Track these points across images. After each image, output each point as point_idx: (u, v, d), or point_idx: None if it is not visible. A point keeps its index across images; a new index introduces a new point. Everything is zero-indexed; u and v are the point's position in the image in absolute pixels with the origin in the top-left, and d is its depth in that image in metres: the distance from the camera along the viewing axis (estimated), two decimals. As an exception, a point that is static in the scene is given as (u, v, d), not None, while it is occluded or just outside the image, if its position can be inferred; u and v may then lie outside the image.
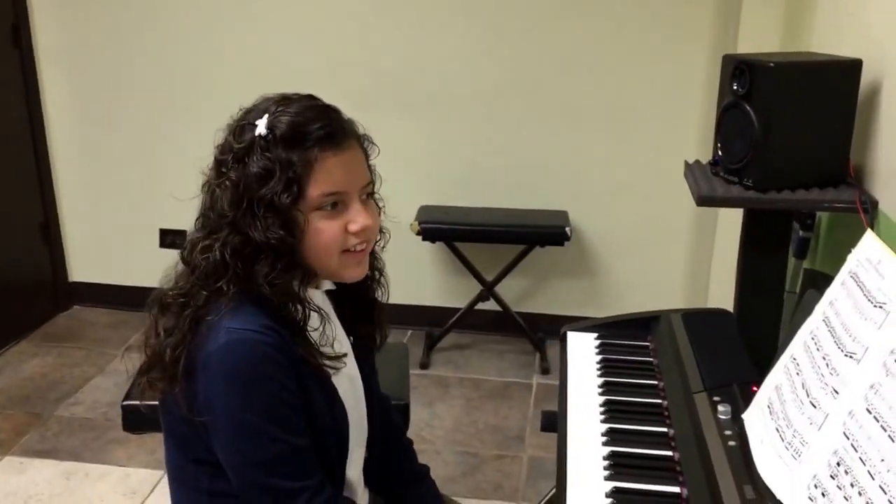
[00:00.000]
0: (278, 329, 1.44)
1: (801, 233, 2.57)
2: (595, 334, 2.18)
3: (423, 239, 3.96)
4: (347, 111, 1.57)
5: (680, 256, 4.22)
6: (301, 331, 1.49)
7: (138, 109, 4.34)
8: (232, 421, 1.43)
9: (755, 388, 1.72)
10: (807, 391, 1.41)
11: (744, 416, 1.62)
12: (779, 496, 1.36)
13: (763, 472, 1.43)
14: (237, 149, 1.47)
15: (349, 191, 1.49)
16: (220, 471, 1.50)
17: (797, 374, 1.48)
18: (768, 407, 1.53)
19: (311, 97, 1.53)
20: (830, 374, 1.35)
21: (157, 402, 1.59)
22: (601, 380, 1.95)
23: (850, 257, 1.51)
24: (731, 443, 1.56)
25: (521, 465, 3.31)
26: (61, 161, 4.49)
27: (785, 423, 1.43)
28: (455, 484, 3.07)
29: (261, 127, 1.46)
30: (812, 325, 1.53)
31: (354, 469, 1.68)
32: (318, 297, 1.59)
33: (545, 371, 4.05)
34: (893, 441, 1.11)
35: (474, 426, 3.58)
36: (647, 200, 4.16)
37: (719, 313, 2.29)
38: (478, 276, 4.16)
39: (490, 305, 4.21)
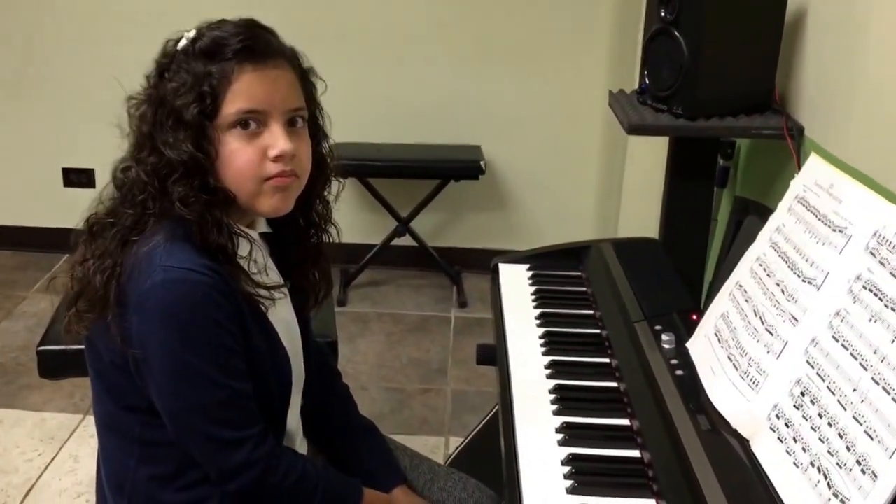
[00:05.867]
0: (218, 269, 1.37)
1: (721, 162, 2.59)
2: (526, 265, 2.14)
3: (336, 175, 3.87)
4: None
5: (591, 186, 4.25)
6: (231, 258, 1.41)
7: (33, 41, 4.11)
8: (170, 363, 1.35)
9: (695, 317, 1.72)
10: (761, 318, 1.40)
11: (688, 344, 1.61)
12: (735, 426, 1.36)
13: (717, 401, 1.42)
14: (159, 63, 1.42)
15: (269, 110, 1.39)
16: (152, 419, 1.42)
17: (746, 301, 1.48)
18: (716, 335, 1.52)
19: (251, 20, 1.45)
20: (787, 300, 1.34)
21: (81, 346, 1.50)
22: (538, 311, 1.92)
23: (794, 182, 1.51)
24: (679, 372, 1.55)
25: (445, 398, 3.31)
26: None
27: (738, 351, 1.42)
28: (384, 420, 3.04)
29: (183, 41, 1.41)
30: (758, 252, 1.52)
31: (293, 417, 1.61)
32: (252, 237, 1.50)
33: (462, 304, 4.05)
34: (867, 370, 1.10)
35: (397, 360, 3.56)
36: (558, 132, 4.17)
37: (647, 242, 2.29)
38: (393, 212, 4.11)
39: (406, 241, 4.16)
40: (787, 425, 1.23)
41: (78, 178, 4.30)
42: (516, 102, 4.13)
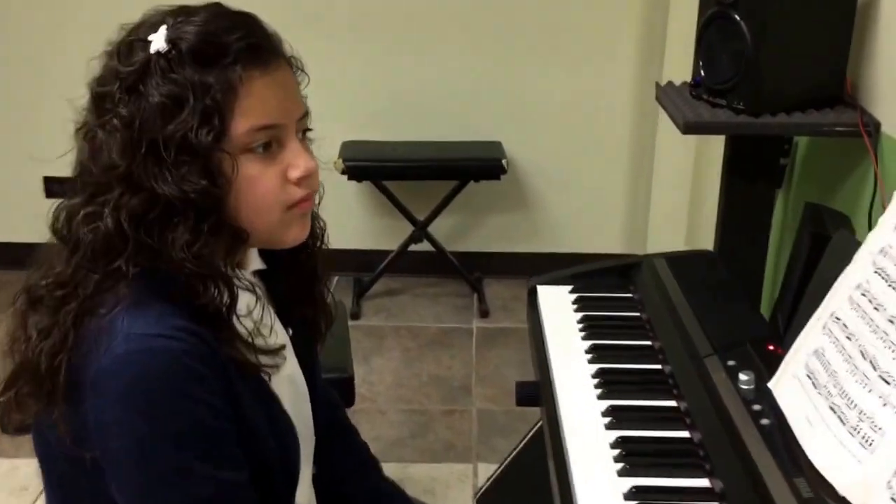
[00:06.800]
0: (195, 329, 1.09)
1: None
2: (569, 287, 1.89)
3: (349, 178, 3.64)
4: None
5: (619, 184, 4.03)
6: (226, 322, 1.13)
7: (10, 41, 3.87)
8: (138, 456, 1.08)
9: (772, 348, 1.48)
10: (871, 362, 1.15)
11: (771, 386, 1.36)
12: (843, 493, 1.12)
13: (818, 462, 1.17)
14: (126, 74, 1.10)
15: (286, 123, 1.14)
16: None
17: (848, 338, 1.22)
18: (809, 377, 1.27)
19: (218, 4, 1.16)
20: (908, 342, 1.09)
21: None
22: (587, 343, 1.67)
23: (900, 193, 1.26)
24: (764, 420, 1.30)
25: (470, 419, 3.06)
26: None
27: (844, 401, 1.17)
28: (404, 448, 2.80)
29: (158, 41, 1.09)
30: (859, 278, 1.27)
31: (303, 491, 1.34)
32: (252, 284, 1.23)
33: (484, 314, 3.80)
34: None
35: (417, 379, 3.31)
36: (584, 127, 3.94)
37: (704, 255, 2.05)
38: (409, 216, 3.87)
39: (422, 246, 3.93)
40: (919, 500, 0.98)
41: (61, 188, 4.00)
42: (539, 96, 3.89)
